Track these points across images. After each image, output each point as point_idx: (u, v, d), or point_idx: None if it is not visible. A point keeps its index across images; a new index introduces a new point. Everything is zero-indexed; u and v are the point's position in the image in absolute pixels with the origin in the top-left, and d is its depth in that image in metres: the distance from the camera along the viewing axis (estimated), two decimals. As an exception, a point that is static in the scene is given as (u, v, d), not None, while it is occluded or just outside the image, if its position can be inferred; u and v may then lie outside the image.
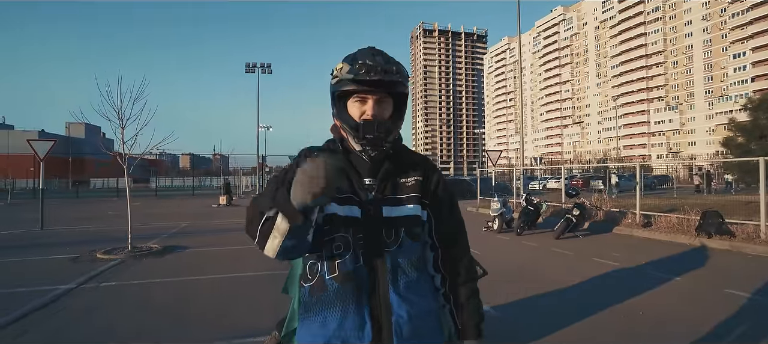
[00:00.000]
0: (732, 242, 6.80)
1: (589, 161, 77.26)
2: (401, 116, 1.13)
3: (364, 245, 1.05)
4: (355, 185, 1.08)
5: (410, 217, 1.10)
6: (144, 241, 7.89)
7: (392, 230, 1.07)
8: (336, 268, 1.04)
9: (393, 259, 1.06)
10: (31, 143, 10.26)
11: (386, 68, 1.04)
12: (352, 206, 1.06)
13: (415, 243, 1.11)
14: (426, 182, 1.14)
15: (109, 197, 27.69)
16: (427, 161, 1.20)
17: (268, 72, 35.61)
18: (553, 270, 5.53)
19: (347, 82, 1.05)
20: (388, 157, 1.11)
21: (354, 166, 1.10)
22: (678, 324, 3.53)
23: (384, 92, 1.07)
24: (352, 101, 1.08)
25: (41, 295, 4.46)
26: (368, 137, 1.05)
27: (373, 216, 1.06)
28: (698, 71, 75.20)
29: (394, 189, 1.11)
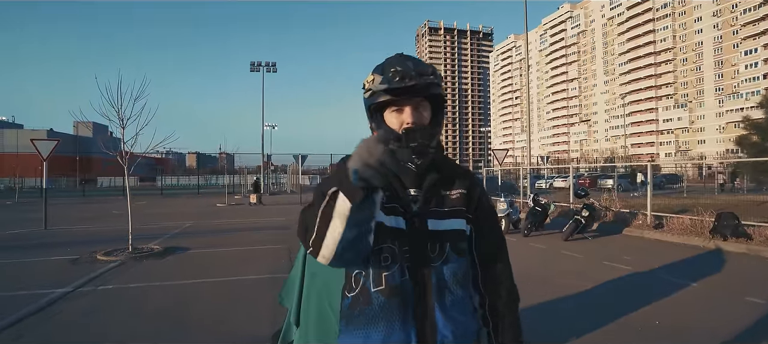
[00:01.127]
0: (749, 246, 6.55)
1: (596, 159, 76.52)
2: (440, 120, 1.10)
3: (409, 258, 1.01)
4: (400, 196, 1.04)
5: (456, 231, 1.06)
6: (145, 242, 7.81)
7: (437, 244, 1.03)
8: (383, 280, 1.00)
9: (438, 274, 1.02)
10: (35, 143, 10.24)
11: (420, 71, 1.00)
12: (397, 217, 1.03)
13: (461, 258, 1.07)
14: (470, 195, 1.10)
15: (116, 195, 27.82)
16: (470, 173, 1.16)
17: (273, 71, 35.65)
18: (563, 275, 5.35)
19: (381, 92, 1.01)
20: (433, 167, 1.07)
21: (398, 178, 1.05)
22: (698, 335, 3.34)
23: (420, 97, 1.03)
24: (390, 112, 1.05)
25: (38, 299, 4.37)
26: (412, 145, 1.01)
27: (419, 228, 1.03)
28: (708, 69, 74.07)
29: (439, 201, 1.07)
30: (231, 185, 31.21)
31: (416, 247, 1.01)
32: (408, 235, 1.01)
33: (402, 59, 1.02)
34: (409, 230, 1.02)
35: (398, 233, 1.01)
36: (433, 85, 1.02)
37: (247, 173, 37.28)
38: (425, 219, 1.03)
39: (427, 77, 1.00)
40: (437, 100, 1.07)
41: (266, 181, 35.39)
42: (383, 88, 0.99)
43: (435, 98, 1.06)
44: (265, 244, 7.84)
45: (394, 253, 1.00)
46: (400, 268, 1.00)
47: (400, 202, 1.03)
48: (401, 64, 1.00)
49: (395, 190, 1.03)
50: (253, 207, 17.83)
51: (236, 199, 23.37)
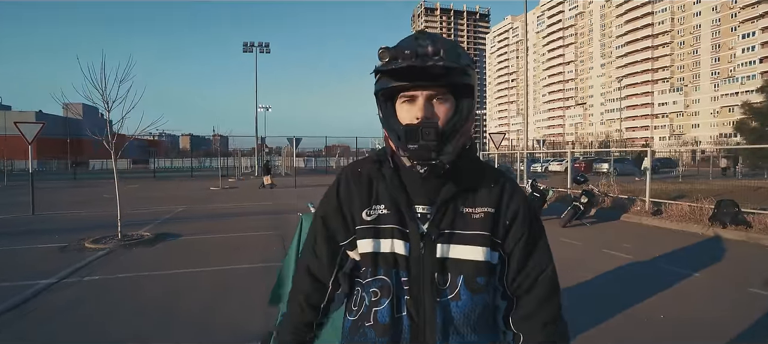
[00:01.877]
0: (748, 233, 6.50)
1: (591, 143, 76.72)
2: (465, 118, 0.83)
3: (409, 290, 0.84)
4: (404, 213, 0.86)
5: (472, 262, 0.85)
6: (136, 228, 7.62)
7: (448, 276, 0.85)
8: (373, 316, 0.86)
9: (445, 312, 0.84)
10: (19, 126, 9.89)
11: (422, 50, 0.77)
12: (398, 240, 0.85)
13: (477, 296, 0.85)
14: (500, 213, 0.87)
15: (107, 178, 27.39)
16: (506, 181, 0.91)
17: (266, 52, 34.97)
18: (563, 264, 5.21)
19: (385, 76, 0.82)
20: (452, 176, 0.84)
21: (405, 187, 0.87)
22: (702, 329, 3.26)
23: (437, 86, 0.81)
24: (400, 102, 0.85)
25: (21, 290, 4.19)
26: (411, 147, 0.79)
27: (425, 255, 0.84)
28: (705, 52, 73.89)
29: (454, 222, 0.86)
30: (224, 167, 30.90)
31: (419, 277, 0.83)
32: (411, 262, 0.84)
33: (416, 37, 0.81)
34: (412, 257, 0.84)
35: (399, 260, 0.84)
36: (451, 70, 0.78)
37: (241, 155, 36.98)
38: (434, 244, 0.84)
39: (430, 58, 0.76)
40: (464, 92, 0.83)
41: (260, 163, 35.10)
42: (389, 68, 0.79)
43: (461, 87, 0.83)
44: (258, 230, 7.68)
45: (387, 286, 0.84)
46: (397, 302, 0.84)
47: (404, 221, 0.85)
48: (411, 41, 0.79)
49: (398, 206, 0.86)
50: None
51: (230, 182, 23.12)
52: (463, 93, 0.84)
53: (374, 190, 0.89)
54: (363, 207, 0.89)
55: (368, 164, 0.92)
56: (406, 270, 0.84)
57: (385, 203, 0.88)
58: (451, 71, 0.79)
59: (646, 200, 8.95)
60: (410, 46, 0.78)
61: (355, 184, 0.91)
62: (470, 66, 0.82)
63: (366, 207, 0.88)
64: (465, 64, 0.80)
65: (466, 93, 0.84)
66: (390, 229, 0.86)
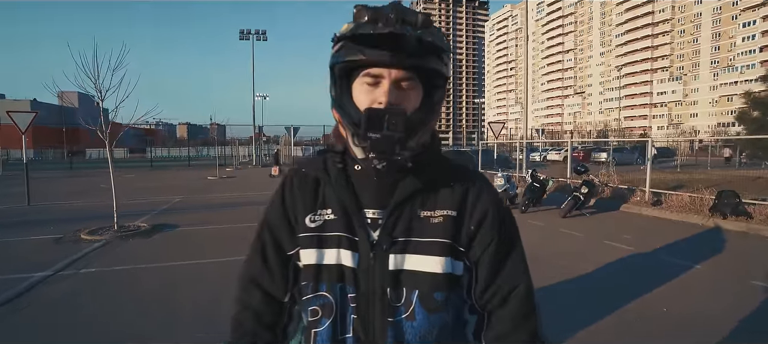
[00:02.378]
0: (749, 224, 6.48)
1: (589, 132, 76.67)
2: (433, 110, 0.73)
3: (357, 308, 0.72)
4: (352, 219, 0.74)
5: (430, 275, 0.72)
6: (132, 219, 7.55)
7: (401, 291, 0.72)
8: (312, 338, 0.75)
9: (397, 335, 0.72)
10: (12, 115, 9.73)
11: (407, 18, 0.65)
12: (345, 251, 0.73)
13: (435, 315, 0.73)
14: (463, 216, 0.75)
15: (104, 168, 27.22)
16: (472, 178, 0.79)
17: (263, 39, 34.54)
18: (564, 255, 5.22)
19: (348, 45, 0.67)
20: (411, 174, 0.73)
21: (354, 189, 0.75)
22: (706, 322, 3.23)
23: (408, 68, 0.68)
24: (360, 82, 0.70)
25: (16, 284, 4.13)
26: (372, 135, 0.65)
27: (375, 267, 0.72)
28: (705, 41, 73.54)
29: (410, 228, 0.73)
30: (222, 156, 30.72)
31: (368, 293, 0.72)
32: (359, 276, 0.72)
33: (391, 4, 0.67)
34: (361, 269, 0.72)
35: (346, 273, 0.73)
36: (429, 48, 0.67)
37: (238, 144, 36.78)
38: (387, 254, 0.72)
39: (414, 29, 0.65)
40: (434, 79, 0.72)
41: (258, 152, 34.93)
42: (355, 34, 0.66)
43: (431, 75, 0.71)
44: (256, 221, 7.61)
45: (327, 304, 0.73)
46: (341, 323, 0.73)
47: (353, 228, 0.74)
48: (386, 9, 0.66)
49: (346, 210, 0.74)
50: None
51: (228, 172, 23.00)
52: (435, 82, 0.73)
53: (321, 192, 0.78)
54: (307, 212, 0.77)
55: (314, 163, 0.80)
56: (353, 285, 0.72)
57: (331, 207, 0.76)
58: (435, 50, 0.68)
59: (646, 190, 8.92)
60: (384, 10, 0.65)
61: (300, 186, 0.80)
62: (449, 53, 0.72)
63: (310, 212, 0.77)
64: (446, 55, 0.70)
65: (439, 83, 0.73)
66: (336, 237, 0.74)
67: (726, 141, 24.99)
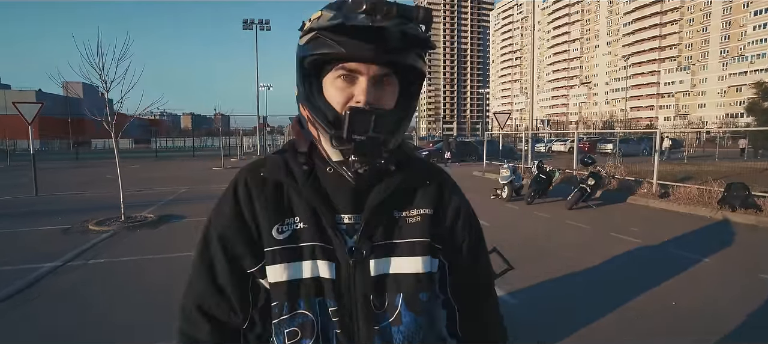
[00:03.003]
0: (758, 217, 6.41)
1: (594, 123, 75.98)
2: (410, 109, 0.70)
3: (340, 321, 0.68)
4: (325, 226, 0.68)
5: (413, 276, 0.70)
6: (139, 209, 7.60)
7: (385, 297, 0.70)
8: None
9: (384, 340, 0.69)
10: (18, 106, 9.76)
11: (406, 11, 0.60)
12: (321, 261, 0.68)
13: (422, 316, 0.72)
14: (439, 214, 0.74)
15: (110, 158, 27.40)
16: (443, 179, 0.78)
17: (266, 29, 34.31)
18: (571, 248, 5.20)
19: (328, 35, 0.60)
20: (383, 176, 0.69)
21: (325, 192, 0.69)
22: (714, 316, 3.20)
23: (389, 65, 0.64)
24: (334, 77, 0.64)
25: (25, 274, 4.17)
26: (357, 138, 0.62)
27: (356, 275, 0.68)
28: (715, 29, 72.23)
29: (389, 230, 0.71)
30: (226, 147, 30.80)
31: (350, 304, 0.68)
32: (339, 287, 0.68)
33: None
34: (339, 280, 0.68)
35: (324, 286, 0.68)
36: (415, 44, 0.63)
37: (242, 134, 36.84)
38: (367, 260, 0.69)
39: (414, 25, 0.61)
40: (412, 77, 0.69)
41: (262, 142, 34.99)
42: (333, 24, 0.59)
43: (410, 73, 0.68)
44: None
45: (307, 322, 0.67)
46: (321, 341, 0.68)
47: (326, 237, 0.68)
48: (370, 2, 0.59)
49: (318, 217, 0.68)
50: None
51: (232, 162, 23.05)
52: (411, 79, 0.69)
53: (285, 199, 0.71)
54: (272, 223, 0.69)
55: (273, 165, 0.72)
56: (333, 298, 0.68)
57: (299, 214, 0.69)
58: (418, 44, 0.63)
59: (654, 182, 8.84)
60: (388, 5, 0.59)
61: (258, 192, 0.71)
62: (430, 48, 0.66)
63: (276, 223, 0.69)
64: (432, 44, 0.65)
65: (416, 80, 0.70)
66: (310, 247, 0.68)
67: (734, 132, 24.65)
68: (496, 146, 19.59)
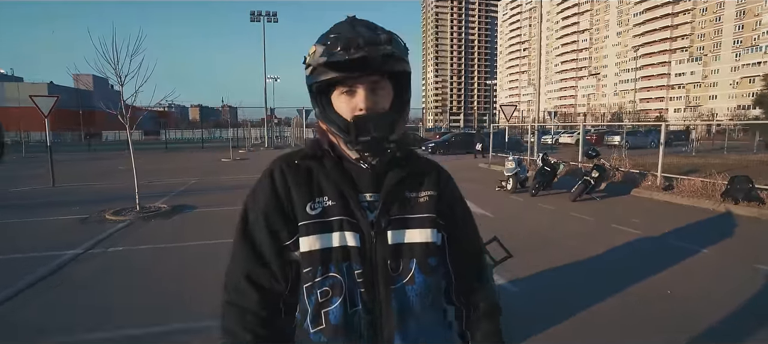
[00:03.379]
0: (761, 210, 6.46)
1: (603, 114, 75.19)
2: (405, 103, 0.85)
3: (364, 282, 0.82)
4: (350, 203, 0.83)
5: (423, 244, 0.86)
6: (152, 200, 7.84)
7: (400, 262, 0.84)
8: (323, 319, 0.82)
9: (400, 298, 0.83)
10: (35, 100, 10.03)
11: (371, 38, 0.75)
12: (348, 232, 0.82)
13: (431, 277, 0.87)
14: (441, 196, 0.90)
15: (121, 150, 27.87)
16: (439, 168, 0.96)
17: (273, 21, 34.39)
18: (572, 238, 5.32)
19: (322, 69, 0.77)
20: (395, 163, 0.86)
21: (350, 178, 0.85)
22: (708, 305, 3.32)
23: (377, 75, 0.79)
24: (338, 94, 0.81)
25: (49, 261, 4.41)
26: (363, 139, 0.79)
27: (377, 243, 0.83)
28: (729, 19, 70.61)
29: (402, 207, 0.86)
30: (234, 139, 31.11)
31: (373, 267, 0.82)
32: (362, 253, 0.81)
33: (351, 24, 0.78)
34: (363, 247, 0.82)
35: (350, 253, 0.81)
36: (391, 56, 0.77)
37: (250, 126, 37.15)
38: (386, 231, 0.83)
39: (381, 47, 0.75)
40: (400, 78, 0.83)
41: (270, 134, 35.27)
42: (323, 61, 0.76)
43: (397, 75, 0.82)
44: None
45: (338, 284, 0.81)
46: (350, 298, 0.81)
47: (352, 212, 0.82)
48: (349, 31, 0.76)
49: (345, 197, 0.83)
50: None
51: (241, 153, 23.34)
52: (401, 80, 0.84)
53: (315, 181, 0.85)
54: (305, 201, 0.83)
55: (304, 154, 0.87)
56: (359, 262, 0.81)
57: (328, 194, 0.83)
58: (398, 58, 0.79)
59: (658, 175, 8.87)
60: (352, 37, 0.75)
61: (293, 176, 0.85)
62: (407, 54, 0.83)
63: (309, 201, 0.83)
64: (406, 54, 0.82)
65: (405, 80, 0.84)
66: (338, 221, 0.82)
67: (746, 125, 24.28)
68: (503, 138, 19.59)
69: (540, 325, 2.99)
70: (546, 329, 2.95)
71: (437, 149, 21.49)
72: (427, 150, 21.55)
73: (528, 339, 2.83)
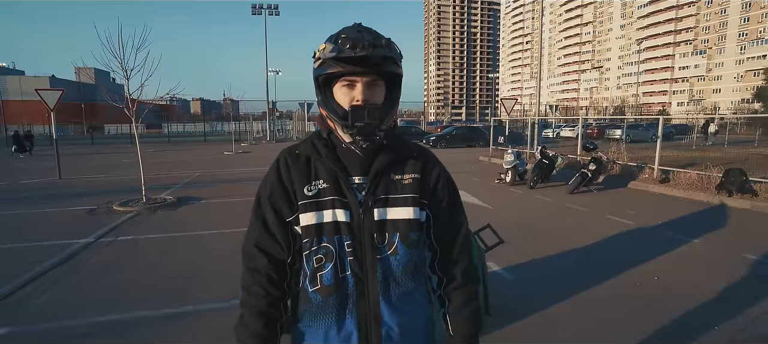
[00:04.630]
0: (753, 202, 6.59)
1: (605, 108, 74.91)
2: (395, 101, 1.02)
3: (353, 251, 0.97)
4: (342, 185, 0.98)
5: (406, 221, 1.00)
6: (157, 192, 8.02)
7: (385, 235, 0.98)
8: (318, 280, 0.98)
9: (384, 267, 0.98)
10: (40, 93, 10.18)
11: (375, 42, 0.91)
12: (339, 210, 0.97)
13: (412, 249, 1.01)
14: (425, 179, 1.04)
15: (123, 144, 28.11)
16: (426, 152, 1.09)
17: (275, 14, 34.34)
18: (567, 229, 5.47)
19: (331, 62, 0.93)
20: (382, 150, 1.00)
21: (342, 162, 1.00)
22: (693, 290, 3.47)
23: (374, 74, 0.95)
24: (339, 86, 0.97)
25: (62, 249, 4.59)
26: (358, 125, 0.93)
27: (364, 219, 0.97)
28: (735, 11, 69.92)
29: (388, 188, 1.00)
30: (236, 132, 31.32)
31: (360, 239, 0.96)
32: (351, 227, 0.96)
33: (358, 29, 0.94)
34: (353, 222, 0.96)
35: (341, 227, 0.97)
36: (389, 60, 0.94)
37: (252, 119, 37.28)
38: (372, 209, 0.97)
39: (382, 50, 0.91)
40: (394, 80, 0.99)
41: (272, 128, 35.40)
42: (332, 56, 0.91)
43: (391, 76, 0.98)
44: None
45: (330, 252, 0.97)
46: (341, 264, 0.97)
47: (343, 193, 0.97)
48: (356, 34, 0.91)
49: (337, 179, 0.98)
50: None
51: (243, 147, 23.52)
52: (394, 82, 1.00)
53: (312, 167, 1.00)
54: (303, 184, 0.99)
55: (304, 145, 1.03)
56: (348, 235, 0.96)
57: (323, 178, 0.98)
58: (393, 61, 0.95)
59: (655, 168, 8.99)
60: (358, 37, 0.90)
61: (294, 164, 1.01)
62: (401, 60, 0.99)
63: (306, 184, 0.99)
64: (400, 60, 0.98)
65: (397, 82, 1.00)
66: (331, 200, 0.97)
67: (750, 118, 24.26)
68: (503, 132, 19.67)
69: (530, 306, 3.15)
70: (536, 311, 3.11)
71: (438, 143, 21.54)
72: (429, 144, 21.65)
73: (519, 320, 2.98)
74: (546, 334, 2.82)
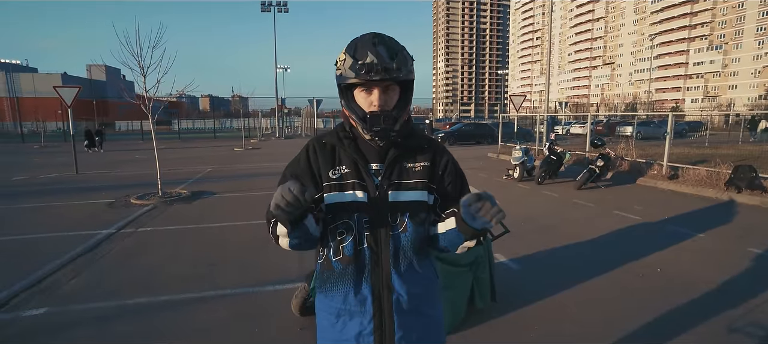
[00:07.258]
0: (762, 198, 6.58)
1: (616, 105, 73.99)
2: (408, 101, 1.16)
3: (369, 227, 1.12)
4: (361, 171, 1.14)
5: (416, 202, 1.14)
6: (172, 186, 8.25)
7: (397, 214, 1.13)
8: (340, 251, 1.14)
9: (396, 242, 1.13)
10: (58, 90, 10.48)
11: (387, 66, 1.04)
12: (358, 191, 1.13)
13: (420, 227, 1.15)
14: (434, 166, 1.18)
15: (134, 140, 28.65)
16: (435, 144, 1.22)
17: (284, 11, 34.58)
18: (573, 222, 5.55)
19: (351, 78, 1.08)
20: (396, 143, 1.16)
21: (361, 151, 1.15)
22: (695, 281, 3.55)
23: (389, 81, 1.08)
24: (359, 91, 1.11)
25: (86, 239, 4.82)
26: (375, 129, 1.09)
27: (380, 200, 1.12)
28: (753, 5, 68.18)
29: (401, 174, 1.15)
30: (245, 128, 31.66)
31: (376, 217, 1.12)
32: (369, 207, 1.12)
33: (373, 43, 1.06)
34: (370, 202, 1.12)
35: (360, 206, 1.12)
36: (401, 69, 1.06)
37: (261, 116, 37.60)
38: (387, 191, 1.12)
39: (395, 72, 1.05)
40: (407, 82, 1.13)
41: (281, 124, 35.71)
42: (352, 75, 1.06)
43: (404, 82, 1.12)
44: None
45: (349, 226, 1.12)
46: (357, 238, 1.12)
47: (362, 177, 1.13)
48: (372, 50, 1.04)
49: (357, 166, 1.14)
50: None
51: (253, 143, 23.82)
52: (407, 85, 1.14)
53: (337, 155, 1.16)
54: (328, 169, 1.15)
55: (331, 136, 1.19)
56: (365, 213, 1.12)
57: (346, 164, 1.15)
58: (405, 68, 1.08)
59: (664, 164, 8.98)
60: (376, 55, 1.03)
61: (321, 151, 1.17)
62: (413, 63, 1.12)
63: (331, 168, 1.14)
64: (412, 65, 1.11)
65: (409, 85, 1.14)
66: (352, 183, 1.13)
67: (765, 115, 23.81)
68: (512, 128, 19.62)
69: (535, 294, 3.27)
70: (541, 298, 3.22)
71: (447, 141, 21.56)
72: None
73: (524, 307, 3.10)
74: (550, 320, 2.93)
